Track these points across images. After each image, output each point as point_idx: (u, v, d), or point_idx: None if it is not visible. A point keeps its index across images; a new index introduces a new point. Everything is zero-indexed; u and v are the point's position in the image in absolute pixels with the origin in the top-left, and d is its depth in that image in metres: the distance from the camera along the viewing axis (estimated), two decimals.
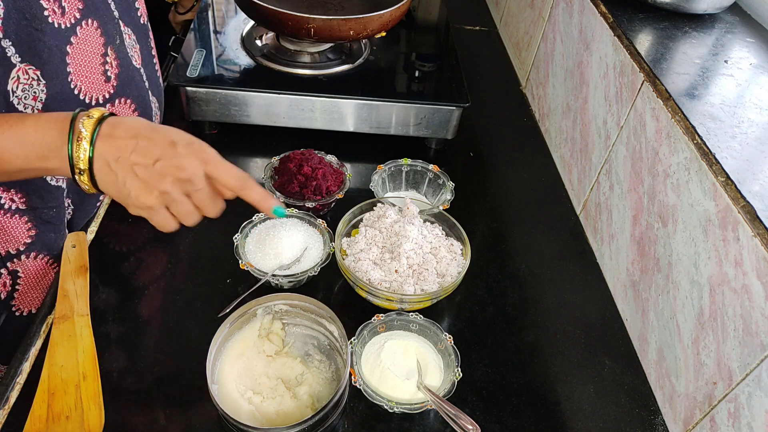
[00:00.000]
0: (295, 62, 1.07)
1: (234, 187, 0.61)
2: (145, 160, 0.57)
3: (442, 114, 1.04)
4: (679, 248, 0.72)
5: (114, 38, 0.77)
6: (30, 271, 0.79)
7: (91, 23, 0.72)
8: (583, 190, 0.99)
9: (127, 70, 0.80)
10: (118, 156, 0.57)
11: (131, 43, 0.82)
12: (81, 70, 0.73)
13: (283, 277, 0.78)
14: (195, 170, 0.58)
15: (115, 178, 0.58)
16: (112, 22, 0.76)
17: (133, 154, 0.57)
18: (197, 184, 0.58)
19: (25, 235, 0.77)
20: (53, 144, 0.57)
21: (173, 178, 0.57)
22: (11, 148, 0.57)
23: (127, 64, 0.80)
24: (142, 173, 0.57)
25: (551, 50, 1.15)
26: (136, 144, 0.57)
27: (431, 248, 0.82)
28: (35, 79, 0.67)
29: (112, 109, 0.80)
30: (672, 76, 0.78)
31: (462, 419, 0.65)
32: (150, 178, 0.57)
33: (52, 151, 0.57)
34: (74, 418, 0.64)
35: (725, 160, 0.65)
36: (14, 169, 0.59)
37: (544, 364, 0.78)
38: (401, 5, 1.03)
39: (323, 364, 0.71)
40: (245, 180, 0.61)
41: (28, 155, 0.58)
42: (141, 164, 0.57)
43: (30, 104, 0.68)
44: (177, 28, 1.43)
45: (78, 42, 0.71)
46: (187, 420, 0.67)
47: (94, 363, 0.69)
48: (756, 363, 0.59)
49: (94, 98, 0.76)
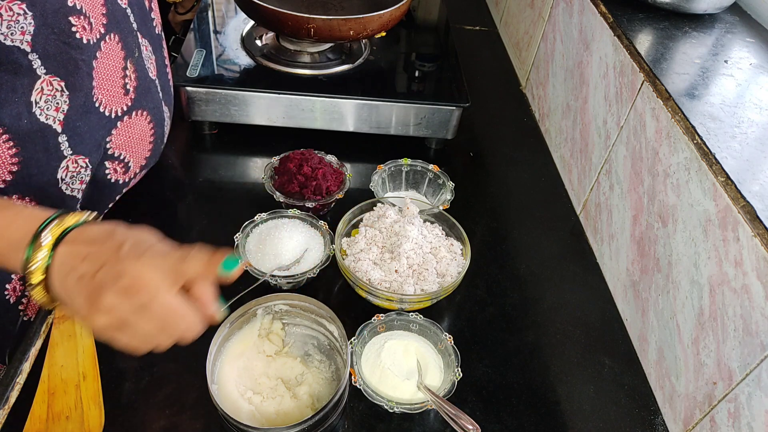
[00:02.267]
0: (295, 62, 1.07)
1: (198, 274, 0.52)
2: (90, 270, 0.49)
3: (442, 114, 1.04)
4: (679, 248, 0.72)
5: (133, 51, 0.78)
6: None
7: (113, 37, 0.73)
8: (583, 190, 0.99)
9: (144, 82, 0.81)
10: (71, 267, 0.50)
11: (148, 54, 0.83)
12: (103, 84, 0.73)
13: (281, 277, 0.78)
14: (140, 275, 0.49)
15: (65, 290, 0.51)
16: (131, 35, 0.77)
17: (83, 263, 0.50)
18: (142, 295, 0.49)
19: None
20: (16, 242, 0.52)
21: (115, 288, 0.49)
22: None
23: (144, 76, 0.81)
24: (85, 287, 0.49)
25: (551, 50, 1.15)
26: (88, 252, 0.51)
27: (431, 248, 0.82)
28: (59, 90, 0.68)
29: (129, 120, 0.80)
30: (672, 76, 0.78)
31: (462, 419, 0.65)
32: (92, 291, 0.49)
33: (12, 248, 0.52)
34: (74, 418, 0.64)
35: (725, 160, 0.66)
36: None
37: (544, 364, 0.78)
38: (401, 5, 1.03)
39: (323, 364, 0.71)
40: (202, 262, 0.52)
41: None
42: (86, 275, 0.49)
43: (52, 115, 0.68)
44: (177, 28, 1.43)
45: (102, 56, 0.72)
46: (187, 420, 0.67)
47: (94, 363, 0.69)
48: (756, 363, 0.59)
49: (114, 111, 0.77)
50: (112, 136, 0.78)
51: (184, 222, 0.91)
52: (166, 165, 0.99)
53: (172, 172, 0.99)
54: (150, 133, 0.85)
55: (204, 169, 1.00)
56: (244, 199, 0.95)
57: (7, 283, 0.77)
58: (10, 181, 0.70)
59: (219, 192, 0.97)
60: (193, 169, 1.00)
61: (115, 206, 0.89)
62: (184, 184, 0.97)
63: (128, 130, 0.80)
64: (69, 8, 0.65)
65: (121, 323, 0.50)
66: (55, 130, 0.69)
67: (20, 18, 0.61)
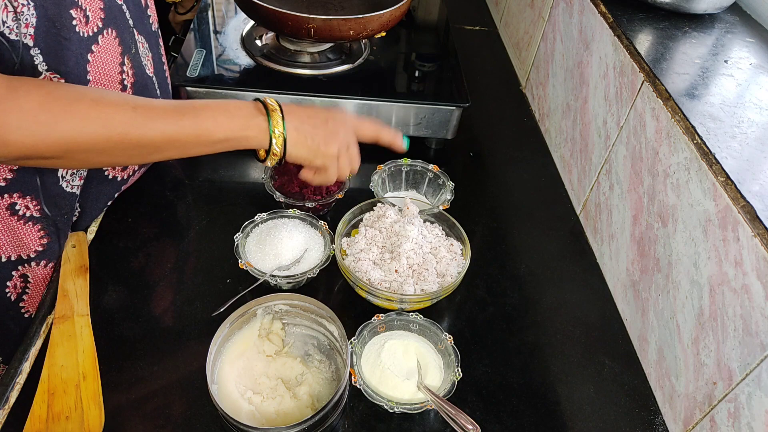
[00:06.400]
0: (295, 62, 1.07)
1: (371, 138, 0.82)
2: (320, 123, 0.76)
3: (442, 114, 1.04)
4: (679, 248, 0.72)
5: (130, 47, 0.77)
6: (39, 277, 0.80)
7: (110, 32, 0.72)
8: (583, 190, 0.99)
9: (142, 79, 0.81)
10: (300, 122, 0.74)
11: (144, 51, 0.82)
12: (100, 80, 0.73)
13: (281, 277, 0.78)
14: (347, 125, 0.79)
15: (303, 138, 0.74)
16: (128, 31, 0.77)
17: (308, 120, 0.75)
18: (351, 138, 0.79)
19: (36, 243, 0.77)
20: (252, 116, 0.71)
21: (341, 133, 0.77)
22: (223, 121, 0.69)
23: (141, 73, 0.81)
24: (321, 131, 0.75)
25: (551, 50, 1.15)
26: (306, 116, 0.75)
27: (431, 248, 0.82)
28: None
29: None
30: (672, 76, 0.78)
31: (462, 419, 0.65)
32: (328, 133, 0.76)
33: (252, 120, 0.71)
34: (74, 418, 0.64)
35: (725, 160, 0.66)
36: (219, 138, 0.69)
37: (544, 364, 0.78)
38: (401, 5, 1.03)
39: (323, 364, 0.71)
40: (379, 129, 0.82)
41: (233, 126, 0.70)
42: (319, 125, 0.75)
43: None
44: (177, 28, 1.43)
45: (99, 51, 0.71)
46: (188, 420, 0.67)
47: (94, 363, 0.69)
48: (756, 363, 0.59)
49: None
50: None
51: (184, 222, 0.91)
52: (166, 165, 0.99)
53: (172, 172, 0.99)
54: None
55: (204, 169, 1.00)
56: (244, 199, 0.95)
57: (8, 280, 0.77)
58: (11, 179, 0.70)
59: (219, 192, 0.97)
60: (193, 169, 1.00)
61: (115, 204, 0.89)
62: (184, 184, 0.97)
63: None
64: (69, 0, 0.64)
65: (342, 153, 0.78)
66: None
67: (24, 9, 0.60)
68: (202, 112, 0.68)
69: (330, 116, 0.77)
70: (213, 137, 0.69)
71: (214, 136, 0.69)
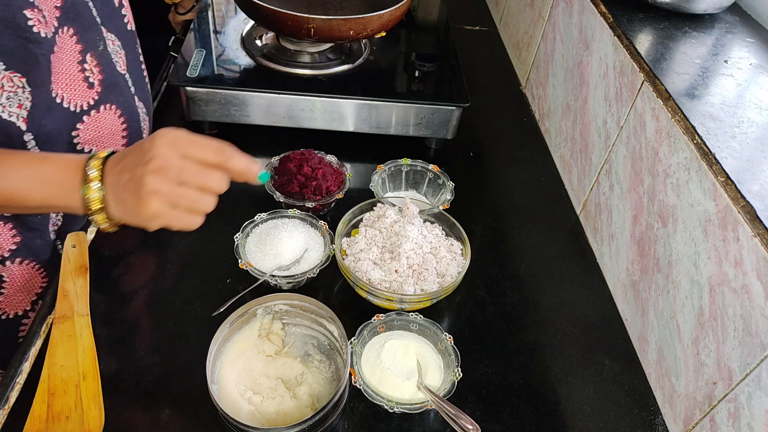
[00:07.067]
0: (295, 62, 1.07)
1: (216, 162, 0.60)
2: (128, 172, 0.59)
3: (441, 114, 1.04)
4: (679, 248, 0.72)
5: (96, 44, 0.76)
6: (15, 276, 0.79)
7: (66, 31, 0.71)
8: (583, 190, 0.99)
9: (111, 76, 0.80)
10: (116, 182, 0.60)
11: (115, 48, 0.81)
12: (60, 78, 0.72)
13: (281, 277, 0.78)
14: (163, 154, 0.57)
15: (117, 202, 0.60)
16: (93, 28, 0.75)
17: (121, 173, 0.59)
18: (174, 166, 0.57)
19: (9, 242, 0.76)
20: (70, 186, 0.61)
21: (149, 171, 0.57)
22: (34, 188, 0.61)
23: (111, 70, 0.80)
24: (129, 185, 0.58)
25: (551, 50, 1.15)
26: (123, 164, 0.60)
27: (431, 248, 0.82)
28: (20, 86, 0.67)
29: (97, 115, 0.79)
30: (672, 76, 0.78)
31: (462, 419, 0.65)
32: (135, 186, 0.58)
33: (68, 192, 0.61)
34: (74, 418, 0.64)
35: (725, 160, 0.65)
36: (34, 205, 0.62)
37: (544, 364, 0.78)
38: (401, 5, 1.03)
39: (323, 364, 0.71)
40: (224, 152, 0.60)
41: (48, 195, 0.61)
42: (126, 176, 0.59)
43: (15, 112, 0.67)
44: (177, 28, 1.42)
45: (57, 50, 0.70)
46: (187, 420, 0.67)
47: (94, 363, 0.69)
48: (756, 363, 0.59)
49: (78, 105, 0.76)
50: (79, 131, 0.77)
51: None
52: None
53: None
54: (121, 128, 0.84)
55: None
56: (244, 199, 0.95)
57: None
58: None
59: None
60: None
61: None
62: None
63: (96, 124, 0.79)
64: (21, 1, 0.63)
65: (170, 199, 0.58)
66: (19, 128, 0.68)
67: None
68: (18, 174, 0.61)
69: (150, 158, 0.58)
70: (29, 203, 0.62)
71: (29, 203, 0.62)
